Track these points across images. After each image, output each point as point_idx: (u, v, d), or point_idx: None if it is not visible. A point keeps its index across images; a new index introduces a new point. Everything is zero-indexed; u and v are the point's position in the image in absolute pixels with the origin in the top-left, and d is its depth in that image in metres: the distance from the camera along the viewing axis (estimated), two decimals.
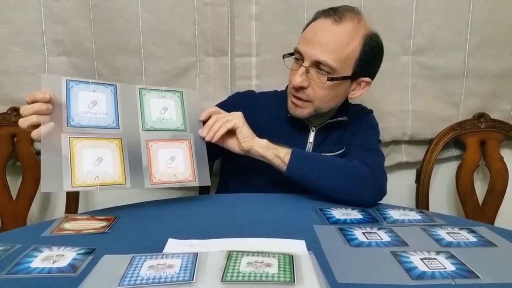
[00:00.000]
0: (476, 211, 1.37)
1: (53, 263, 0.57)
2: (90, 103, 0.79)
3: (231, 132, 0.91)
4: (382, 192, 0.92)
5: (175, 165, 0.83)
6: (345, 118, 1.03)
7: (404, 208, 0.88)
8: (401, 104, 1.34)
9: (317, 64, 0.90)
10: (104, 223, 0.73)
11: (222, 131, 0.88)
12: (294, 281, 0.53)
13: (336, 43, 0.89)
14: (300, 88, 0.93)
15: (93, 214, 0.79)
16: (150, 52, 1.25)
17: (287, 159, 0.90)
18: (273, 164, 0.91)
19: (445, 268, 0.57)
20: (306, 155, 0.96)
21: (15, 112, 1.26)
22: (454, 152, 1.42)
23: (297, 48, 0.94)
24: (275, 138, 0.95)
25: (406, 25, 1.28)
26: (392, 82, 1.32)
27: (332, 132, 1.05)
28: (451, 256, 0.61)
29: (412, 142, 1.40)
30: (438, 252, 0.62)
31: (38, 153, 1.32)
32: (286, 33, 1.25)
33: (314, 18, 0.95)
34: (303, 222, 0.77)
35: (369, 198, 0.89)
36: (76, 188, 0.72)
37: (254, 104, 1.06)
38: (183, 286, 0.52)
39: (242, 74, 1.29)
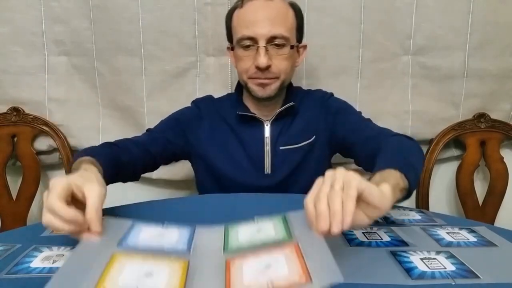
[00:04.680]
0: (476, 211, 1.37)
1: (53, 263, 0.57)
2: (157, 235, 0.59)
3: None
4: None
5: (272, 272, 0.50)
6: (292, 103, 1.01)
7: (404, 208, 0.87)
8: (401, 104, 1.34)
9: (272, 40, 0.92)
10: None
11: (351, 207, 0.50)
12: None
13: (281, 15, 0.93)
14: (266, 68, 0.94)
15: None
16: (150, 52, 1.25)
17: (403, 180, 0.67)
18: (398, 199, 0.66)
19: (445, 268, 0.57)
20: (397, 159, 0.74)
21: (15, 112, 1.26)
22: (454, 152, 1.42)
23: (245, 35, 0.93)
24: (232, 138, 0.97)
25: (406, 25, 1.28)
26: (392, 82, 1.32)
27: (287, 122, 1.03)
28: (451, 256, 0.61)
29: None
30: (438, 252, 0.62)
31: (38, 153, 1.32)
32: None
33: (240, 5, 0.95)
34: None
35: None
36: None
37: (213, 108, 1.07)
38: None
39: None
